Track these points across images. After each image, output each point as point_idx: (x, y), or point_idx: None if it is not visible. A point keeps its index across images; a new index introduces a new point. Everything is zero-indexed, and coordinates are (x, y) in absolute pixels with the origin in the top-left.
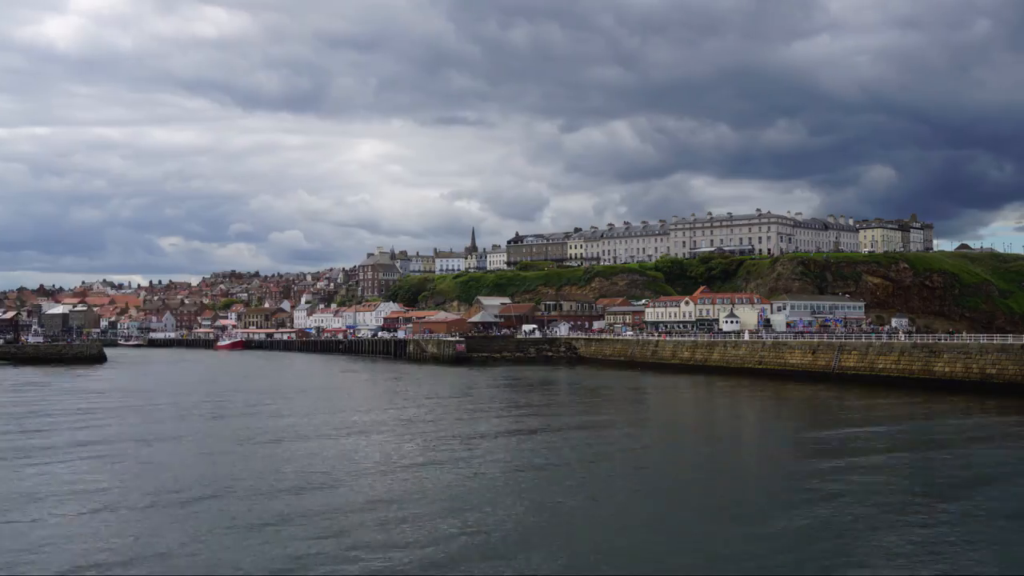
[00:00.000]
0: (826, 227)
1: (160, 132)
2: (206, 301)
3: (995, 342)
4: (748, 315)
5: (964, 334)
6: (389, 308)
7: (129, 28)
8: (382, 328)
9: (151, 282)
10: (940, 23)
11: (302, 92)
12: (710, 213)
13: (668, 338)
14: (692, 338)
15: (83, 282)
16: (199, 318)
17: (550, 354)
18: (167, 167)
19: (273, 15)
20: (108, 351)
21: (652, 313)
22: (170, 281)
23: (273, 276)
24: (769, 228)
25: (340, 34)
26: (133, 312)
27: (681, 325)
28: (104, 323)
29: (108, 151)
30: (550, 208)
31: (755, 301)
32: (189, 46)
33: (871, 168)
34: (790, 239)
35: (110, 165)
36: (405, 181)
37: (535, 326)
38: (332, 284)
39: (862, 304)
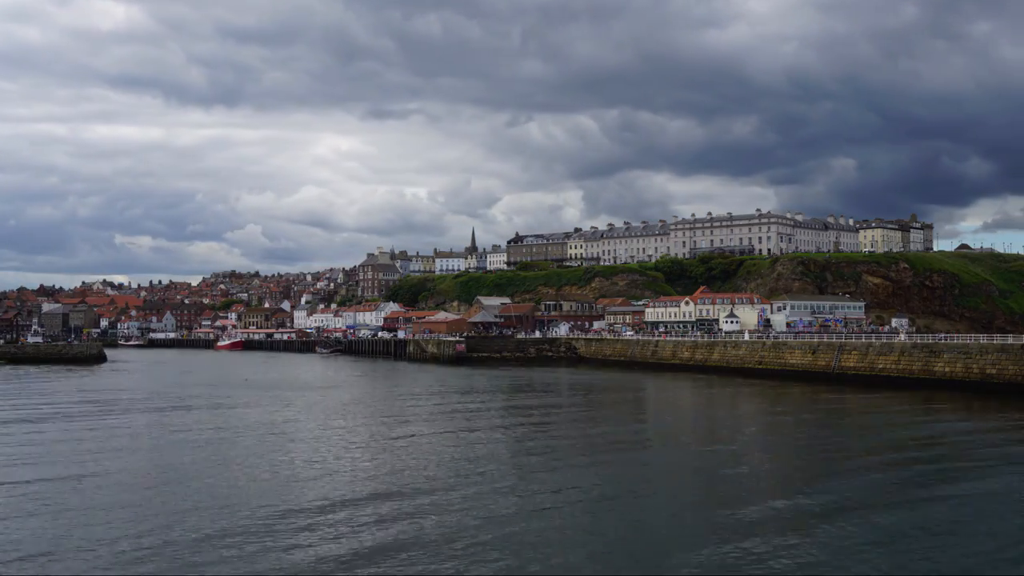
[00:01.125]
0: (826, 227)
1: (103, 128)
2: (206, 301)
3: (995, 342)
4: (748, 315)
5: (957, 335)
6: (389, 308)
7: (33, 22)
8: (382, 328)
9: (151, 282)
10: (867, 8)
11: (229, 87)
12: (710, 213)
13: (668, 338)
14: (692, 338)
15: (83, 282)
16: (199, 318)
17: (550, 354)
18: (118, 164)
19: (179, 7)
20: (108, 351)
21: (652, 313)
22: (170, 281)
23: (273, 276)
24: (769, 228)
25: (249, 28)
26: (133, 312)
27: (681, 325)
28: (104, 323)
29: (53, 147)
30: (503, 204)
31: (755, 301)
32: (105, 41)
33: (831, 162)
34: (790, 239)
35: (57, 162)
36: (361, 177)
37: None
38: (332, 284)
39: (862, 304)
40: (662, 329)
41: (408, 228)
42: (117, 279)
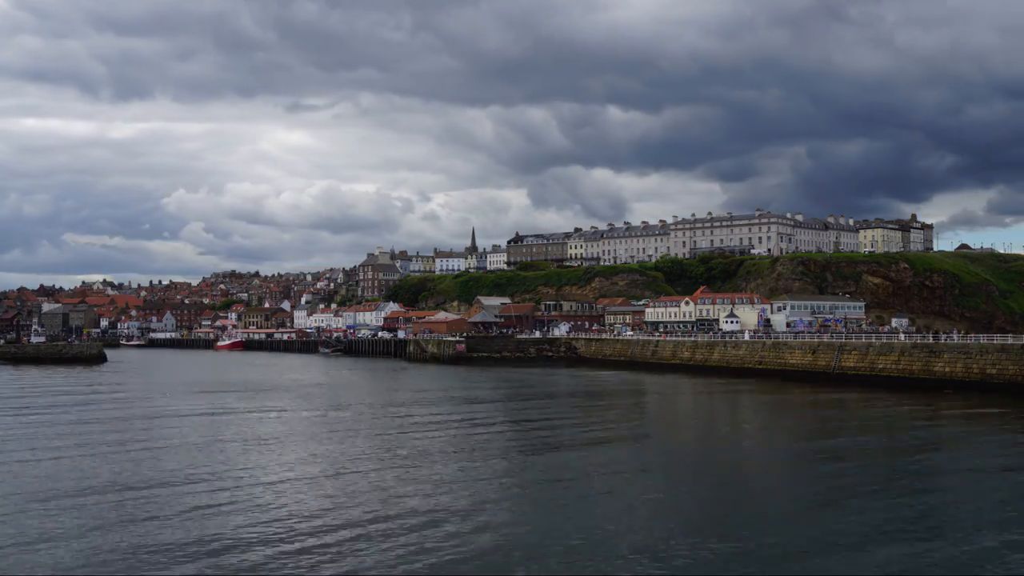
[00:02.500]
0: (826, 227)
1: (30, 122)
2: (206, 301)
3: (995, 342)
4: (748, 315)
5: (955, 334)
6: (389, 308)
7: None
8: (382, 328)
9: (151, 282)
10: None
11: (139, 79)
12: (710, 213)
13: (668, 338)
14: (692, 338)
15: (83, 282)
16: (199, 318)
17: (550, 354)
18: (55, 160)
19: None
20: (108, 351)
21: (652, 313)
22: (170, 281)
23: (273, 276)
24: (769, 228)
25: (125, 18)
26: (133, 312)
27: (681, 325)
28: (104, 323)
29: None
30: (445, 201)
31: (755, 301)
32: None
33: (782, 153)
34: (790, 239)
35: None
36: (301, 172)
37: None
38: (332, 284)
39: (862, 304)
40: (662, 329)
41: (353, 225)
42: (49, 280)
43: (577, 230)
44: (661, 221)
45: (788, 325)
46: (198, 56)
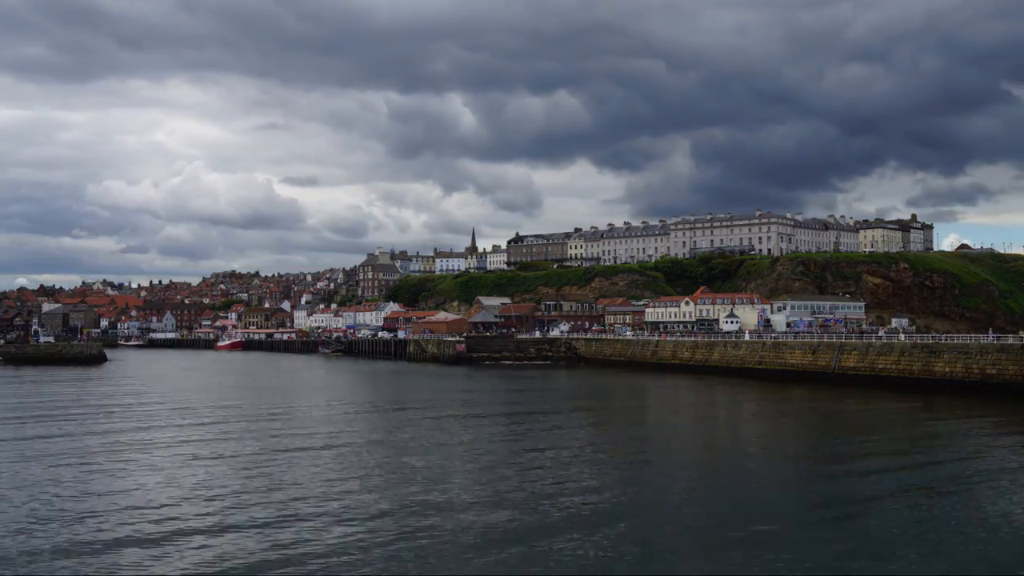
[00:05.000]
0: (826, 227)
1: None
2: (206, 301)
3: (995, 342)
4: (748, 315)
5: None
6: (389, 308)
7: None
8: (382, 328)
9: (151, 282)
10: None
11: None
12: (710, 214)
13: (668, 338)
14: (692, 338)
15: (83, 282)
16: (199, 318)
17: (550, 354)
18: None
19: None
20: (108, 351)
21: (652, 313)
22: (171, 281)
23: (273, 276)
24: (769, 228)
25: None
26: (133, 312)
27: (681, 325)
28: (104, 323)
29: None
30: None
31: (755, 301)
32: None
33: (668, 148)
34: (790, 239)
35: None
36: (215, 165)
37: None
38: (332, 284)
39: (862, 304)
40: (662, 329)
41: (261, 222)
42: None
43: (577, 230)
44: (661, 221)
45: (788, 325)
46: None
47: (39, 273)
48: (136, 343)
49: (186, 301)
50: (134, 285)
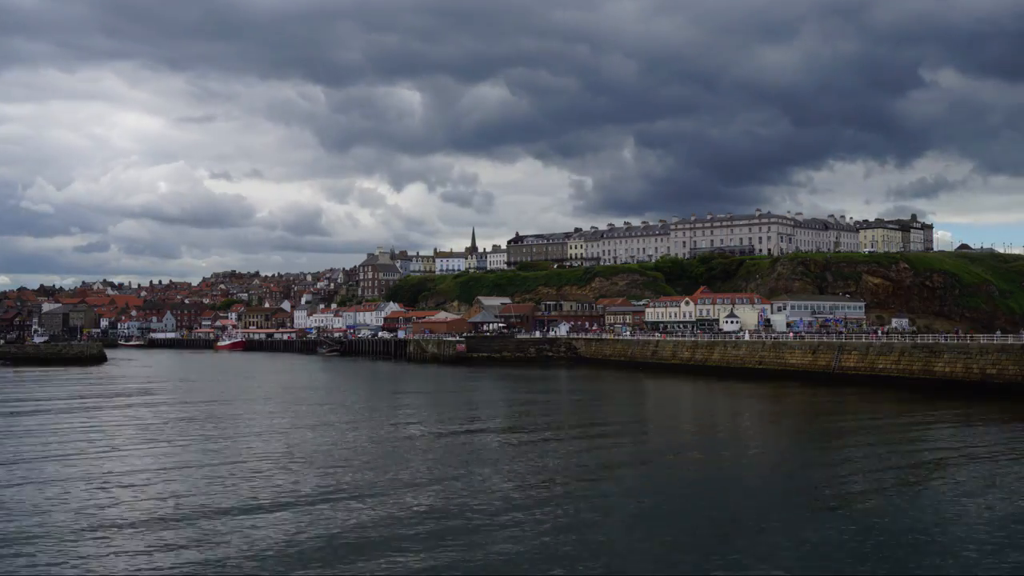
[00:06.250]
0: (826, 227)
1: None
2: (206, 301)
3: (995, 342)
4: (748, 315)
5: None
6: (389, 308)
7: None
8: (383, 328)
9: (151, 282)
10: None
11: None
12: (710, 214)
13: (668, 338)
14: (692, 338)
15: (83, 282)
16: (199, 318)
17: (550, 354)
18: None
19: None
20: (108, 351)
21: (652, 313)
22: (170, 281)
23: (273, 276)
24: (769, 228)
25: None
26: (133, 312)
27: (681, 325)
28: (104, 323)
29: None
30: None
31: (755, 301)
32: None
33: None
34: (790, 239)
35: None
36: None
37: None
38: (332, 284)
39: (862, 304)
40: (662, 329)
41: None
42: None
43: (577, 230)
44: (661, 221)
45: (788, 325)
46: None
47: None
48: (136, 343)
49: (186, 301)
50: (134, 285)
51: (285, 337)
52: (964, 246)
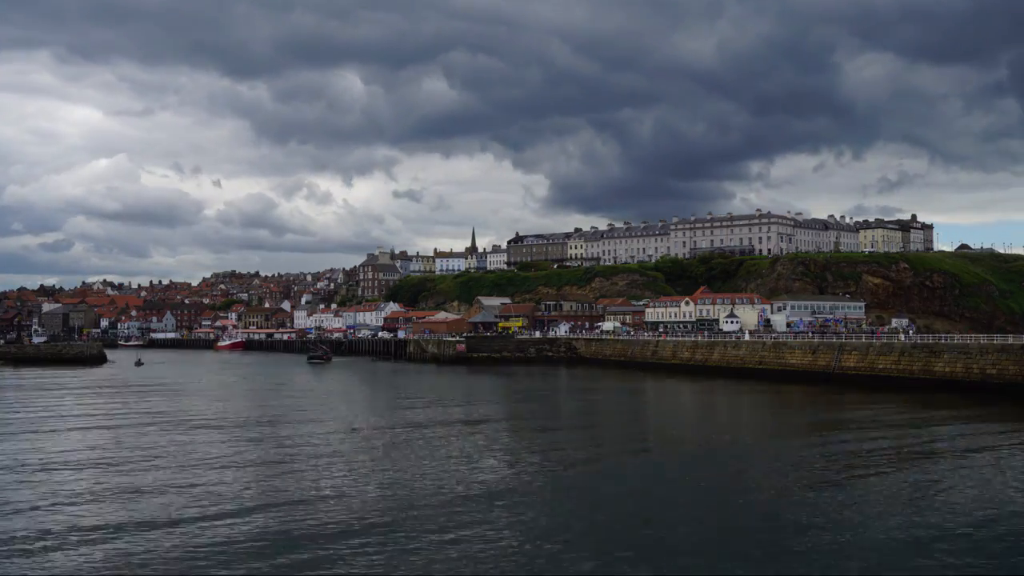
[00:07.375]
0: (826, 227)
1: None
2: (206, 301)
3: (995, 342)
4: (748, 315)
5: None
6: (389, 308)
7: None
8: (383, 328)
9: (151, 282)
10: None
11: None
12: (710, 214)
13: (668, 338)
14: (692, 338)
15: (83, 282)
16: (199, 318)
17: (550, 354)
18: None
19: None
20: (108, 352)
21: (652, 313)
22: (170, 281)
23: (273, 276)
24: (769, 228)
25: None
26: (133, 312)
27: (681, 325)
28: (104, 323)
29: None
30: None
31: (755, 301)
32: None
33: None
34: (790, 239)
35: None
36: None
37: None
38: (332, 284)
39: (862, 304)
40: (662, 329)
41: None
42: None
43: (577, 230)
44: (661, 221)
45: (788, 325)
46: None
47: None
48: (136, 343)
49: (186, 301)
50: (134, 285)
51: (285, 337)
52: (964, 246)
